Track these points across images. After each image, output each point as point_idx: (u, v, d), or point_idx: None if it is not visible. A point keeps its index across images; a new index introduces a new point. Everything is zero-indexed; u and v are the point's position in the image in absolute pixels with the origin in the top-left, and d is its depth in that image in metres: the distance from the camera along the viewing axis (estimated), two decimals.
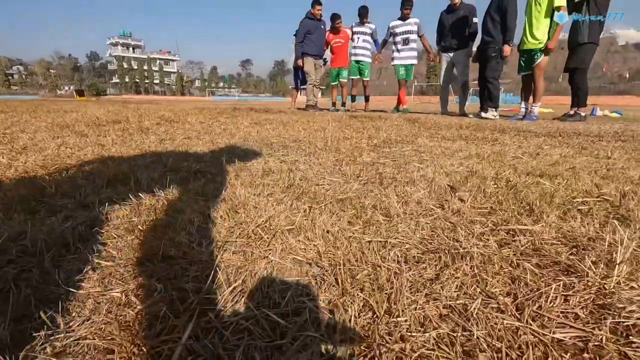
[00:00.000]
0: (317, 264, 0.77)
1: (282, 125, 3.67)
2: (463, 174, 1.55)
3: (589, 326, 0.57)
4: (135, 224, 0.95)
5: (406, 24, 6.36)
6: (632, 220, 1.00)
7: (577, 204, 1.14)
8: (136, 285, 0.68)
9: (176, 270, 0.73)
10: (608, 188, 1.31)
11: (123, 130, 2.97)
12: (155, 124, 3.53)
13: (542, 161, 1.86)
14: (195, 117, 4.38)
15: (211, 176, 1.47)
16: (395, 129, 3.43)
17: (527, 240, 0.87)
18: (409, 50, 6.53)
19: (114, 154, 1.88)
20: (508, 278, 0.71)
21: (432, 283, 0.69)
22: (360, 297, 0.64)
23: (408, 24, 6.34)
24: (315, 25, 6.71)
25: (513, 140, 2.78)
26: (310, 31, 6.71)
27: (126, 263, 0.76)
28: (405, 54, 6.57)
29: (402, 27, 6.40)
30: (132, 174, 1.42)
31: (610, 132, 3.43)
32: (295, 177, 1.44)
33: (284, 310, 0.61)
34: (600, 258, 0.77)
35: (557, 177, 1.48)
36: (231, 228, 0.94)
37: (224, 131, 3.07)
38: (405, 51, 6.55)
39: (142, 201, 1.13)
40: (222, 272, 0.72)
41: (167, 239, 0.86)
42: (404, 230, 0.93)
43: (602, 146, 2.47)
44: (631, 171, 1.63)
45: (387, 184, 1.38)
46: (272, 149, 2.19)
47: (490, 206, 1.13)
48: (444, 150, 2.20)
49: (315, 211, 1.06)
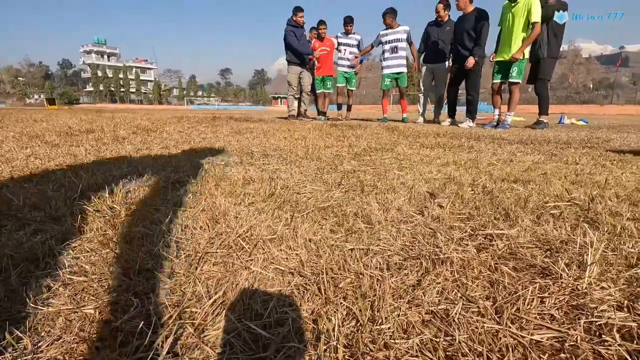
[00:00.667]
0: (300, 273, 0.76)
1: (262, 134, 3.66)
2: (441, 180, 1.58)
3: (565, 326, 0.58)
4: (110, 236, 0.92)
5: (395, 32, 6.29)
6: (600, 223, 1.04)
7: (549, 209, 1.18)
8: (111, 301, 0.65)
9: (154, 283, 0.71)
10: (577, 192, 1.37)
11: (97, 139, 2.87)
12: (131, 133, 3.43)
13: (516, 167, 1.93)
14: (173, 126, 4.30)
15: (190, 186, 1.44)
16: (375, 138, 3.48)
17: (504, 245, 0.89)
18: (396, 59, 6.46)
19: (88, 165, 1.82)
20: (487, 282, 0.72)
21: (414, 289, 0.69)
22: (343, 305, 0.64)
23: (397, 32, 6.28)
24: (300, 33, 6.73)
25: (488, 147, 2.87)
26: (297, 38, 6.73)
27: (100, 278, 0.73)
28: (392, 62, 6.48)
29: (390, 36, 6.34)
30: (107, 185, 1.37)
31: (577, 139, 3.61)
32: (277, 185, 1.43)
33: (267, 321, 0.60)
34: (572, 260, 0.80)
35: (530, 183, 1.54)
36: (211, 239, 0.92)
37: (204, 140, 3.03)
38: (392, 59, 6.46)
39: (118, 213, 1.09)
40: (202, 285, 0.70)
41: (144, 251, 0.83)
42: (385, 237, 0.94)
43: (570, 153, 2.59)
44: (598, 176, 1.71)
45: (368, 192, 1.39)
46: (252, 157, 2.17)
47: (468, 212, 1.15)
48: (423, 158, 2.24)
49: (297, 220, 1.06)
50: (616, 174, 1.78)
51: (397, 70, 6.50)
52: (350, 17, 6.72)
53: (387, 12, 6.27)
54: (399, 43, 6.32)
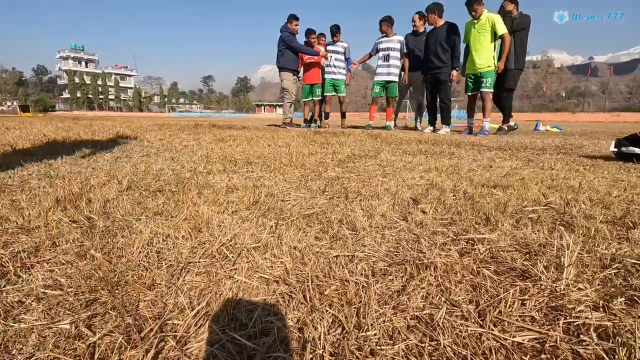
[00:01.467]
0: (285, 282, 0.75)
1: (246, 141, 3.63)
2: (424, 186, 1.61)
3: (545, 328, 0.60)
4: (88, 247, 0.89)
5: (390, 41, 6.38)
6: (576, 226, 1.08)
7: (527, 213, 1.22)
8: (88, 315, 0.62)
9: (134, 295, 0.68)
10: (553, 197, 1.42)
11: (74, 148, 2.79)
12: (110, 141, 3.35)
13: (495, 173, 1.98)
14: (154, 134, 4.22)
15: (171, 194, 1.41)
16: (359, 145, 3.52)
17: (486, 249, 0.91)
18: (387, 67, 6.47)
19: (63, 174, 1.76)
20: (470, 286, 0.73)
21: (399, 294, 0.70)
22: (329, 313, 0.64)
23: (391, 41, 6.37)
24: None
25: (468, 153, 2.94)
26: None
27: (77, 291, 0.70)
28: (382, 70, 6.51)
29: (385, 44, 6.43)
30: (84, 194, 1.33)
31: (552, 146, 3.74)
32: (261, 193, 1.42)
33: (251, 331, 0.58)
34: (550, 262, 0.83)
35: (509, 188, 1.58)
36: (194, 248, 0.90)
37: (185, 148, 2.98)
38: (383, 67, 6.51)
39: (95, 223, 1.06)
40: (184, 295, 0.68)
41: (123, 262, 0.81)
42: (370, 244, 0.94)
43: (546, 158, 2.69)
44: (572, 181, 1.78)
45: (353, 198, 1.39)
46: (236, 165, 2.15)
47: (450, 217, 1.17)
48: (406, 164, 2.27)
49: (281, 227, 1.05)
50: (589, 178, 1.86)
51: (386, 78, 6.54)
52: (337, 26, 6.80)
53: (384, 19, 6.37)
54: (391, 52, 6.40)
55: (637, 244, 0.94)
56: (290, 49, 6.51)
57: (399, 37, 6.41)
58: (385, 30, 6.39)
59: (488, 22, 5.19)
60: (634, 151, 2.61)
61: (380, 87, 6.68)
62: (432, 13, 5.72)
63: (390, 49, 6.39)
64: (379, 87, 6.69)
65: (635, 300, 0.66)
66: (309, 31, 6.81)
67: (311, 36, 6.78)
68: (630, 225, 1.08)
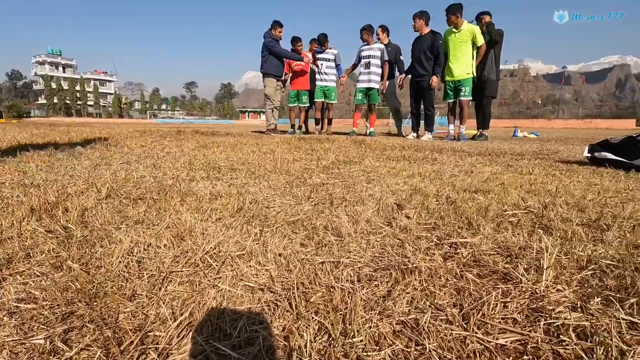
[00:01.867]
0: (270, 290, 0.74)
1: (230, 148, 3.60)
2: (408, 192, 1.63)
3: (526, 329, 0.61)
4: (64, 258, 0.85)
5: (371, 48, 6.50)
6: (554, 229, 1.11)
7: (508, 216, 1.25)
8: (64, 329, 0.60)
9: (113, 307, 0.66)
10: (532, 201, 1.46)
11: (50, 155, 2.70)
12: (89, 148, 3.26)
13: (476, 178, 2.03)
14: (135, 141, 4.13)
15: (153, 202, 1.38)
16: (343, 151, 3.54)
17: (468, 252, 0.93)
18: (368, 74, 6.59)
19: (39, 182, 1.69)
20: (454, 289, 0.74)
21: (385, 300, 0.70)
22: (315, 320, 0.63)
23: (372, 48, 6.49)
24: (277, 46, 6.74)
25: (450, 159, 3.00)
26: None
27: (52, 304, 0.67)
28: (363, 77, 6.64)
29: (366, 51, 6.54)
30: (61, 203, 1.28)
31: (530, 151, 3.87)
32: (245, 200, 1.41)
33: (236, 341, 0.57)
34: (530, 265, 0.85)
35: (489, 193, 1.62)
36: (176, 257, 0.88)
37: (168, 155, 2.93)
38: (364, 75, 6.63)
39: (72, 233, 1.02)
40: (166, 306, 0.67)
41: (102, 273, 0.78)
42: (355, 249, 0.95)
43: (524, 164, 2.77)
44: (549, 185, 1.83)
45: (338, 204, 1.40)
46: (220, 172, 2.13)
47: (434, 222, 1.19)
48: (390, 170, 2.30)
49: (266, 235, 1.04)
50: (565, 183, 1.92)
51: (367, 85, 6.65)
52: (324, 35, 6.88)
53: (365, 28, 6.50)
54: (372, 59, 6.51)
55: (611, 246, 0.97)
56: (274, 54, 6.52)
57: (379, 44, 6.56)
58: (367, 39, 6.53)
59: (469, 32, 5.43)
60: (605, 156, 2.73)
61: (362, 94, 6.79)
62: (420, 19, 5.85)
63: (371, 56, 6.53)
64: (361, 95, 6.79)
65: (611, 300, 0.69)
66: (295, 39, 6.86)
67: (297, 44, 6.82)
68: (604, 228, 1.13)
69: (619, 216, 1.24)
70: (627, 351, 0.55)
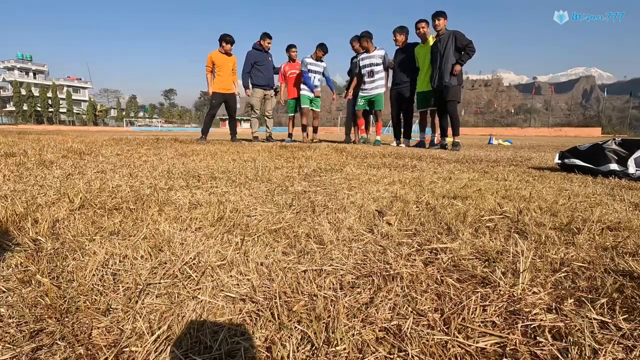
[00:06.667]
0: (252, 300, 0.73)
1: (210, 156, 3.55)
2: (388, 198, 1.65)
3: (505, 332, 0.62)
4: (33, 272, 0.81)
5: (371, 57, 6.41)
6: (528, 233, 1.15)
7: (485, 222, 1.28)
8: (32, 348, 0.57)
9: (86, 323, 0.63)
10: (508, 206, 1.51)
11: (19, 164, 2.57)
12: (60, 156, 3.13)
13: (455, 185, 2.08)
14: (110, 149, 4.01)
15: (129, 212, 1.33)
16: (325, 158, 3.55)
17: (448, 258, 0.94)
18: (372, 82, 6.50)
19: (6, 192, 1.61)
20: (435, 294, 0.75)
21: (367, 307, 0.70)
22: (298, 329, 0.62)
23: (372, 56, 6.40)
24: (263, 57, 6.83)
25: (429, 166, 3.07)
26: (259, 62, 6.77)
27: (19, 322, 0.63)
28: (370, 86, 6.54)
29: (366, 60, 6.46)
30: (30, 214, 1.22)
31: (504, 158, 4.00)
32: (226, 209, 1.38)
33: (217, 354, 0.56)
34: (507, 269, 0.87)
35: (467, 199, 1.66)
36: (154, 268, 0.85)
37: (145, 163, 2.85)
38: (369, 83, 6.52)
39: (42, 245, 0.97)
40: (143, 320, 0.64)
41: (74, 287, 0.75)
42: (337, 257, 0.95)
43: (500, 170, 2.87)
44: (523, 191, 1.90)
45: (320, 212, 1.40)
46: (199, 180, 2.09)
47: (414, 228, 1.21)
48: (371, 177, 2.32)
49: (247, 244, 1.03)
50: (538, 188, 2.00)
51: (374, 92, 6.56)
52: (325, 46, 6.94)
53: (364, 35, 6.41)
54: (374, 67, 6.44)
55: (582, 248, 1.01)
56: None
57: (380, 51, 6.43)
58: (367, 46, 6.42)
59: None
60: (575, 163, 2.86)
61: (365, 101, 6.71)
62: (400, 34, 6.09)
63: (372, 64, 6.45)
64: (363, 101, 6.71)
65: (584, 301, 0.71)
66: (290, 46, 7.09)
67: (291, 50, 7.06)
68: (575, 231, 1.17)
69: (588, 220, 1.29)
70: (599, 350, 0.57)
